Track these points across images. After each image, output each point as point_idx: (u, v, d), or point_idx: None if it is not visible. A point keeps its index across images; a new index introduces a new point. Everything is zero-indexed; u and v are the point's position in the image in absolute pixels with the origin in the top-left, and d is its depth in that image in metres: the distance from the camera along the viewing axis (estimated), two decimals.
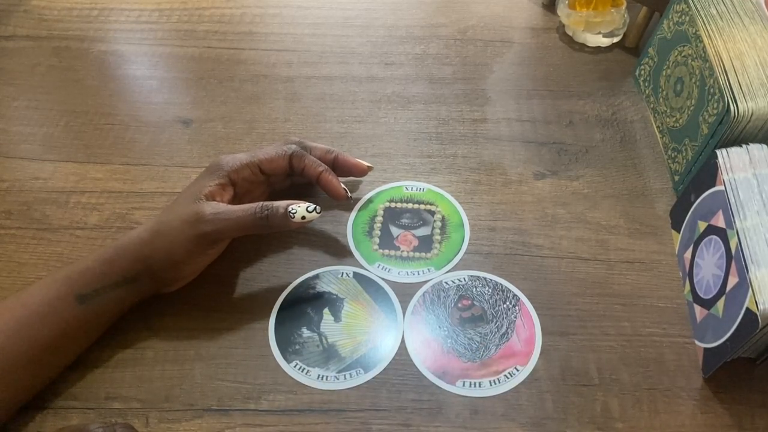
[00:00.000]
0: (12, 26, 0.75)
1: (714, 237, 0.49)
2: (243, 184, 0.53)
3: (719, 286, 0.47)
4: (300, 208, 0.50)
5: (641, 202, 0.60)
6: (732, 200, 0.47)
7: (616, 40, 0.73)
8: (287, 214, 0.49)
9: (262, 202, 0.50)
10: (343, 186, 0.56)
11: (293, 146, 0.55)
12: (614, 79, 0.70)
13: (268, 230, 0.50)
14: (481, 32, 0.75)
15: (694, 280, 0.52)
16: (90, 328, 0.48)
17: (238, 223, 0.49)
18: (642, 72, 0.68)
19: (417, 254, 0.56)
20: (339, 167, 0.57)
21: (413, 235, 0.57)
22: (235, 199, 0.52)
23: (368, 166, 0.58)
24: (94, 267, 0.48)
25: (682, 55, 0.59)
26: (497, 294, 0.53)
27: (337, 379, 0.49)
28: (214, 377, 0.49)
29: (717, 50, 0.53)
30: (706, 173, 0.52)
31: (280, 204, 0.50)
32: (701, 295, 0.50)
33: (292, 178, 0.58)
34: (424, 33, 0.75)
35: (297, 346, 0.50)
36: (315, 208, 0.50)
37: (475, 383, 0.49)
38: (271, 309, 0.52)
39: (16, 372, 0.44)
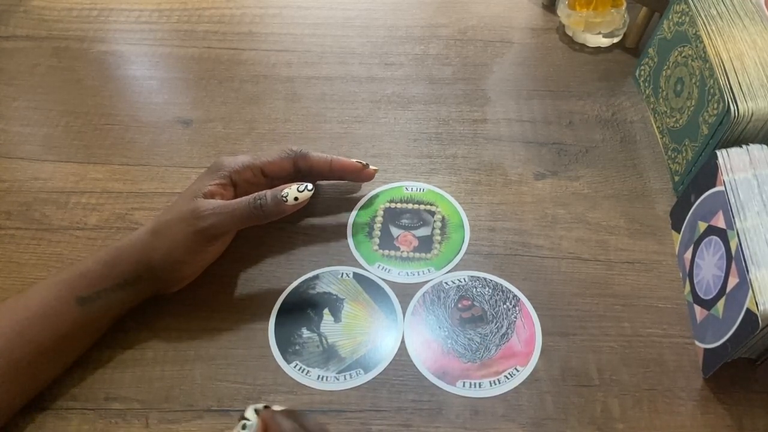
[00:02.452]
0: (12, 26, 0.75)
1: (714, 237, 0.49)
2: (244, 186, 0.53)
3: (719, 287, 0.47)
4: (291, 190, 0.49)
5: (641, 203, 0.60)
6: (732, 201, 0.47)
7: (616, 40, 0.73)
8: (280, 199, 0.49)
9: (256, 193, 0.49)
10: (356, 159, 0.56)
11: (296, 147, 0.55)
12: (614, 79, 0.70)
13: (265, 219, 0.49)
14: (481, 32, 0.75)
15: (694, 281, 0.52)
16: (90, 329, 0.48)
17: (233, 215, 0.48)
18: (642, 72, 0.68)
19: (417, 255, 0.56)
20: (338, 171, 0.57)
21: (413, 236, 0.57)
22: None
23: (374, 169, 0.58)
24: (94, 269, 0.48)
25: (682, 55, 0.59)
26: (497, 294, 0.53)
27: (337, 379, 0.49)
28: (214, 378, 0.49)
29: (717, 50, 0.53)
30: (706, 173, 0.52)
31: (273, 190, 0.50)
32: (701, 296, 0.50)
33: (293, 180, 0.57)
34: (424, 33, 0.75)
35: (297, 347, 0.50)
36: (306, 186, 0.50)
37: (475, 384, 0.49)
38: (271, 309, 0.52)
39: (16, 373, 0.44)
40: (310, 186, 0.50)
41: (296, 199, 0.49)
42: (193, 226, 0.48)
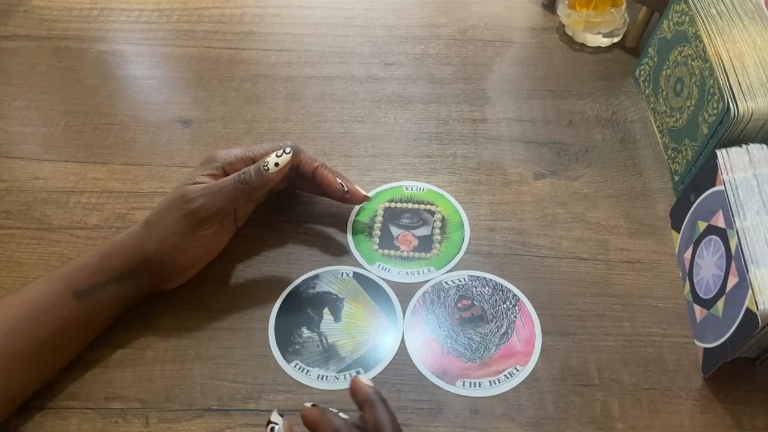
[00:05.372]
0: (12, 26, 0.75)
1: (714, 237, 0.49)
2: None
3: (719, 286, 0.48)
4: (270, 158, 0.50)
5: (641, 202, 0.60)
6: (732, 200, 0.47)
7: (616, 40, 0.73)
8: (262, 170, 0.49)
9: (241, 170, 0.50)
10: (339, 181, 0.55)
11: (289, 142, 0.54)
12: (614, 79, 0.70)
13: (252, 193, 0.49)
14: (481, 32, 0.75)
15: (694, 280, 0.52)
16: (88, 324, 0.48)
17: (221, 192, 0.48)
18: (642, 72, 0.68)
19: (417, 254, 0.56)
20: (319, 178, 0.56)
21: (413, 235, 0.57)
22: None
23: (364, 195, 0.56)
24: (91, 263, 0.48)
25: (682, 55, 0.59)
26: (497, 294, 0.53)
27: (337, 379, 0.49)
28: (214, 377, 0.49)
29: (717, 50, 0.53)
30: (706, 173, 0.52)
31: (255, 164, 0.50)
32: (701, 295, 0.50)
33: (290, 180, 0.58)
34: (424, 33, 0.75)
35: (297, 346, 0.50)
36: (284, 150, 0.50)
37: (475, 383, 0.49)
38: (271, 309, 0.52)
39: (15, 369, 0.44)
40: (288, 149, 0.50)
41: (276, 165, 0.49)
42: (183, 210, 0.48)
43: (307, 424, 0.43)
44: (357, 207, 0.59)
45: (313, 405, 0.43)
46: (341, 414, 0.43)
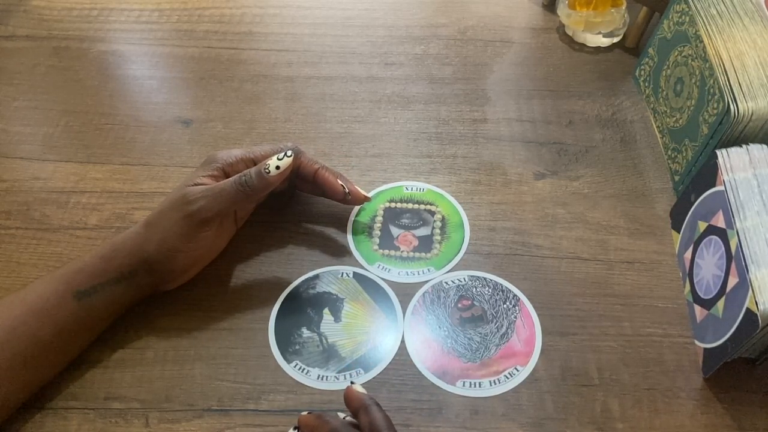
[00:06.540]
0: (12, 26, 0.75)
1: (714, 237, 0.49)
2: None
3: (719, 287, 0.48)
4: (272, 161, 0.50)
5: (641, 202, 0.60)
6: (732, 200, 0.47)
7: (616, 40, 0.73)
8: (263, 173, 0.49)
9: (242, 172, 0.50)
10: (340, 182, 0.55)
11: (290, 144, 0.54)
12: (614, 79, 0.70)
13: (253, 195, 0.49)
14: (481, 32, 0.75)
15: (694, 280, 0.52)
16: (88, 325, 0.48)
17: (221, 195, 0.49)
18: (642, 72, 0.68)
19: (417, 254, 0.56)
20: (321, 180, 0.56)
21: (413, 235, 0.57)
22: None
23: (365, 196, 0.56)
24: (91, 263, 0.48)
25: (682, 55, 0.59)
26: (497, 294, 0.53)
27: (337, 379, 0.49)
28: (214, 377, 0.49)
29: (717, 50, 0.53)
30: (706, 173, 0.52)
31: (257, 166, 0.50)
32: (701, 296, 0.50)
33: (290, 181, 0.57)
34: (424, 33, 0.75)
35: (297, 347, 0.50)
36: (285, 153, 0.50)
37: (475, 383, 0.49)
38: (271, 309, 0.52)
39: (14, 369, 0.44)
40: (290, 152, 0.50)
41: (278, 168, 0.49)
42: (183, 211, 0.48)
43: (303, 430, 0.43)
44: (357, 207, 0.59)
45: (309, 412, 0.44)
46: (340, 414, 0.44)
